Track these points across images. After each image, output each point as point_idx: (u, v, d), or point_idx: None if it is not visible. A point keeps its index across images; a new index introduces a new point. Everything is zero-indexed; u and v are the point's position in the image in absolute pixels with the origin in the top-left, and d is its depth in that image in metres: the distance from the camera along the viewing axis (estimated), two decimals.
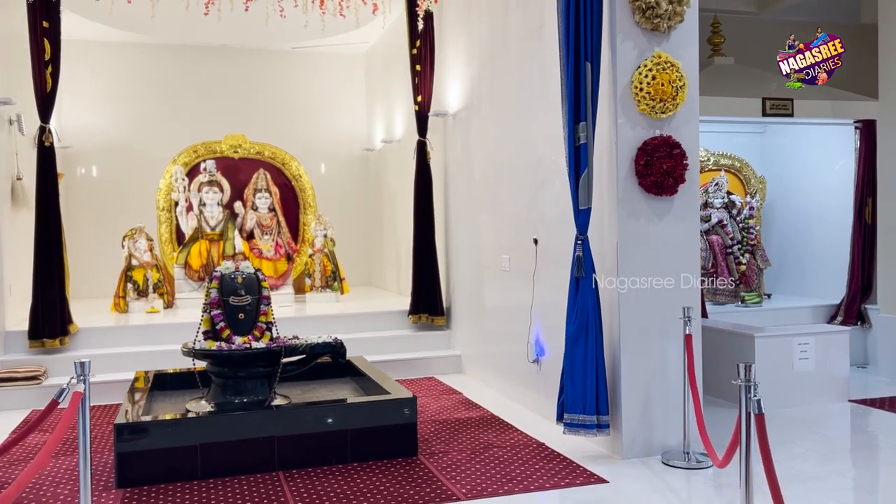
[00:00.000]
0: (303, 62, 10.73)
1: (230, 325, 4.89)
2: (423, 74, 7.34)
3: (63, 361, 6.50)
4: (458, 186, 7.25)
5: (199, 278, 8.55)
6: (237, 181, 9.11)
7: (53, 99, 6.56)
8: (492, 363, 6.50)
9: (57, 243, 6.54)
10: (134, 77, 10.07)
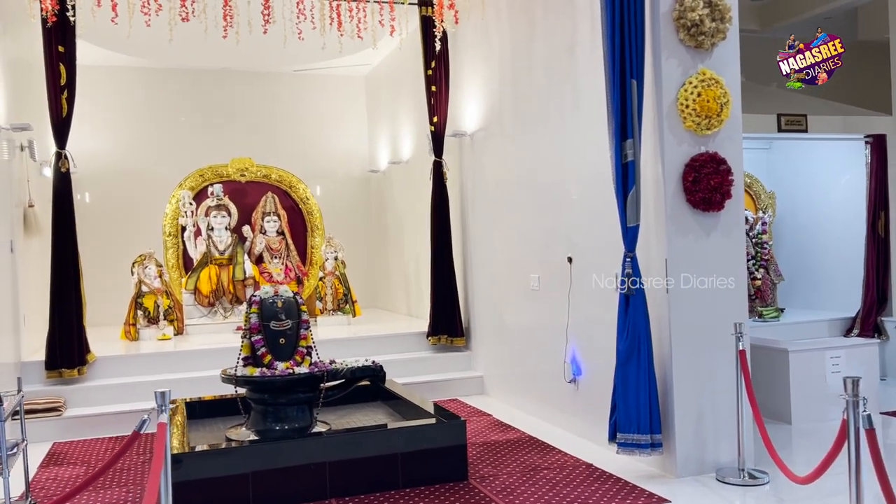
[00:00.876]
0: (304, 85, 10.70)
1: (271, 350, 4.79)
2: (439, 95, 7.34)
3: (82, 392, 6.34)
4: (476, 206, 7.24)
5: (209, 304, 8.41)
6: (244, 205, 9.01)
7: (69, 124, 6.44)
8: (520, 384, 6.45)
9: (74, 271, 6.39)
10: (136, 101, 9.97)
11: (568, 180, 5.51)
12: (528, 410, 6.24)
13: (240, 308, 8.47)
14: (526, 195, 6.19)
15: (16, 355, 6.35)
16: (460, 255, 7.55)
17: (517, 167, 6.33)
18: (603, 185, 5.06)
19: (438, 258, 7.44)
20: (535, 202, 6.03)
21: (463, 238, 7.54)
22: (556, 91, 5.61)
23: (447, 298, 7.40)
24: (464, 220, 7.52)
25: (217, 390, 6.37)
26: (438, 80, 7.33)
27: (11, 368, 6.17)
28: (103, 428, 6.09)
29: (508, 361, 6.71)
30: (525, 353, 6.34)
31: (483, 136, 6.99)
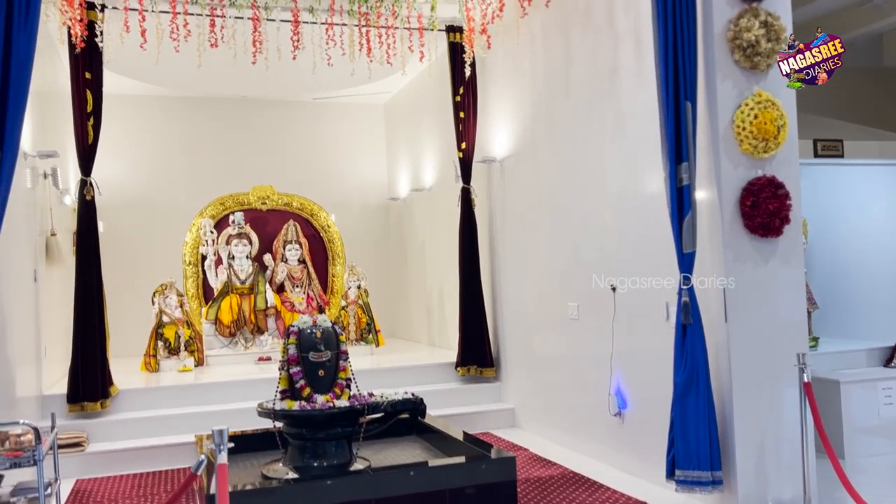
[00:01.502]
0: (324, 113, 10.64)
1: (310, 382, 4.61)
2: (467, 121, 7.23)
3: (105, 426, 6.13)
4: (505, 233, 7.09)
5: (230, 334, 8.23)
6: (265, 233, 8.87)
7: (95, 151, 6.33)
8: (556, 416, 6.24)
9: (98, 301, 6.23)
10: (156, 130, 9.90)
11: (610, 206, 5.37)
12: (566, 444, 6.03)
13: (261, 338, 8.30)
14: (562, 221, 6.04)
15: (37, 387, 6.16)
16: (489, 283, 7.39)
17: (552, 193, 6.19)
18: (649, 211, 4.93)
19: (467, 286, 7.27)
20: (573, 228, 5.88)
21: (492, 266, 7.38)
22: (597, 115, 5.49)
23: (476, 328, 7.22)
24: (492, 247, 7.37)
25: (241, 424, 6.18)
26: (467, 106, 7.22)
27: (34, 402, 5.98)
28: (127, 464, 5.88)
29: (542, 393, 6.50)
30: (562, 385, 6.14)
31: (514, 162, 6.87)
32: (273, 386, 6.78)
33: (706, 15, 4.33)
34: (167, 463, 5.95)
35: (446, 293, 8.66)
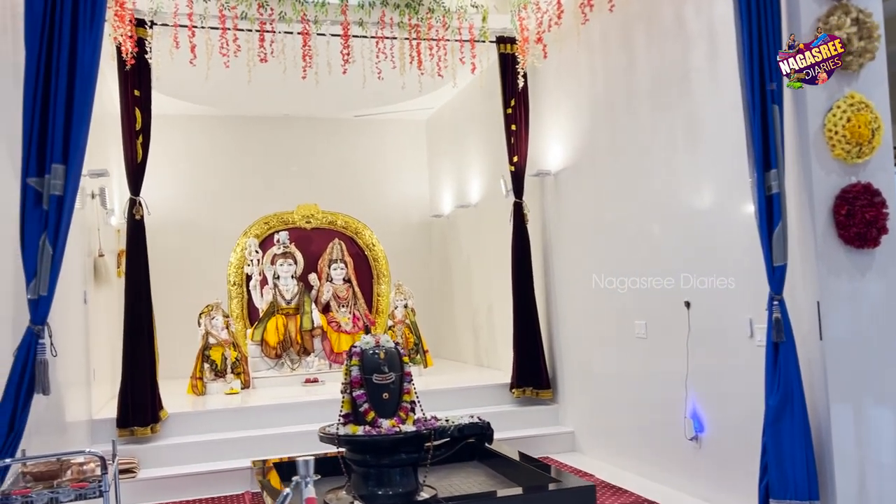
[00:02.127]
0: (365, 130, 10.51)
1: (374, 406, 4.39)
2: (519, 134, 7.02)
3: (155, 451, 5.97)
4: (561, 249, 6.85)
5: (276, 355, 8.06)
6: (309, 252, 8.72)
7: (144, 170, 6.23)
8: (621, 440, 5.95)
9: (148, 323, 6.09)
10: (198, 150, 9.83)
11: (681, 218, 5.12)
12: (634, 470, 5.73)
13: (307, 359, 8.12)
14: (626, 236, 5.79)
15: (87, 412, 6.03)
16: (543, 301, 7.14)
17: (614, 206, 5.95)
18: (725, 222, 4.68)
19: (521, 305, 7.02)
20: (639, 244, 5.63)
21: (545, 283, 7.14)
22: (665, 123, 5.25)
23: (531, 348, 6.96)
24: (546, 263, 7.13)
25: (291, 449, 6.00)
26: (518, 118, 7.02)
27: (84, 426, 5.84)
28: (179, 491, 5.70)
29: (605, 415, 6.22)
30: (628, 407, 5.86)
31: (570, 175, 6.64)
32: (321, 409, 6.64)
33: (792, 13, 4.10)
34: (219, 489, 5.77)
35: (495, 311, 8.43)
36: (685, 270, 5.08)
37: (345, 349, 8.09)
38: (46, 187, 3.04)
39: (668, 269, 5.27)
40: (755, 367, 4.37)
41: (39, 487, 3.19)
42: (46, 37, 3.39)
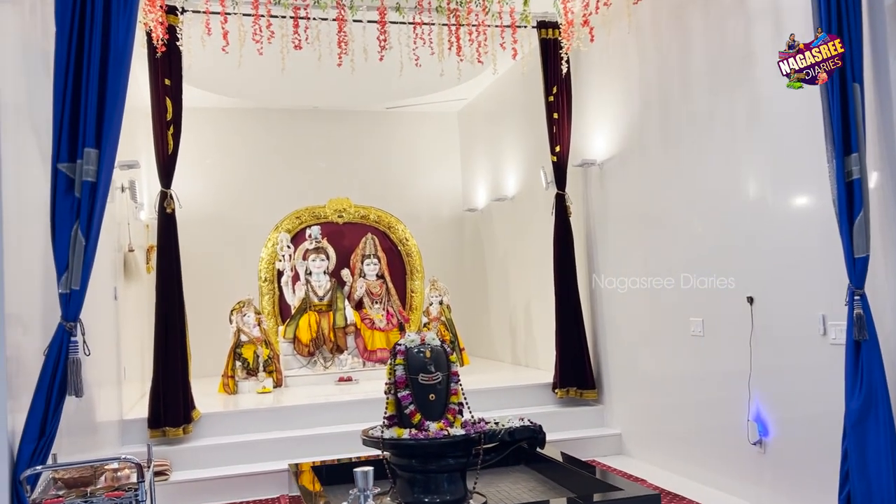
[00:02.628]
0: (396, 122, 10.27)
1: (420, 407, 4.14)
2: (561, 123, 6.72)
3: (187, 453, 5.77)
4: (607, 242, 6.55)
5: (309, 353, 7.84)
6: (341, 247, 8.50)
7: (175, 162, 6.03)
8: (674, 444, 5.65)
9: (180, 321, 5.90)
10: (228, 143, 9.66)
11: (743, 207, 4.80)
12: (689, 475, 5.43)
13: (341, 357, 7.89)
14: (679, 228, 5.49)
15: (118, 412, 5.84)
16: (587, 297, 6.84)
17: (665, 196, 5.65)
18: (793, 211, 4.36)
19: (564, 301, 6.73)
20: (694, 235, 5.32)
21: (589, 278, 6.84)
22: (724, 106, 4.94)
23: (575, 346, 6.67)
24: (590, 258, 6.83)
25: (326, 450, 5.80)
26: (561, 106, 6.72)
27: (114, 427, 5.65)
28: (213, 494, 5.50)
29: (655, 417, 5.92)
30: (681, 408, 5.55)
31: (617, 164, 6.34)
32: (357, 409, 6.41)
33: None
34: (254, 493, 5.56)
35: (534, 308, 8.15)
36: (747, 264, 4.77)
37: (379, 347, 7.89)
38: (79, 173, 2.82)
39: (727, 262, 4.96)
40: (828, 367, 4.07)
41: (72, 496, 2.98)
42: (78, 17, 3.18)
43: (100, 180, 2.85)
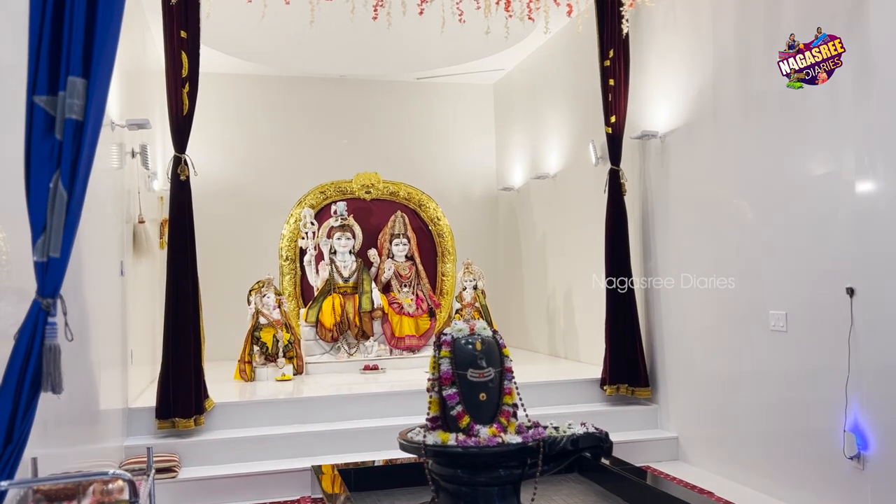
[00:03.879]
0: (426, 94, 9.62)
1: (469, 409, 3.52)
2: (618, 90, 6.03)
3: (198, 447, 5.20)
4: (668, 224, 5.88)
5: (332, 339, 7.25)
6: (368, 225, 7.89)
7: (190, 124, 5.41)
8: (747, 452, 4.99)
9: (193, 300, 5.31)
10: (248, 112, 9.06)
11: (841, 185, 4.12)
12: (763, 489, 4.78)
13: (366, 344, 7.30)
14: (759, 208, 4.81)
15: (123, 399, 5.28)
16: (641, 284, 6.18)
17: (742, 171, 4.97)
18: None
19: (616, 289, 6.07)
20: (778, 217, 4.64)
21: (645, 263, 6.18)
22: None
23: (628, 339, 6.02)
24: (646, 241, 6.16)
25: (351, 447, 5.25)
26: (618, 71, 6.02)
27: (118, 416, 5.09)
28: (225, 494, 4.93)
29: (720, 420, 5.27)
30: (755, 412, 4.90)
31: (683, 136, 5.65)
32: (385, 402, 5.81)
33: None
34: (272, 493, 5.00)
35: (575, 295, 7.51)
36: (846, 250, 4.09)
37: (407, 333, 7.29)
38: (60, 109, 2.18)
39: (820, 247, 4.28)
40: None
41: None
42: None
43: (88, 119, 2.21)
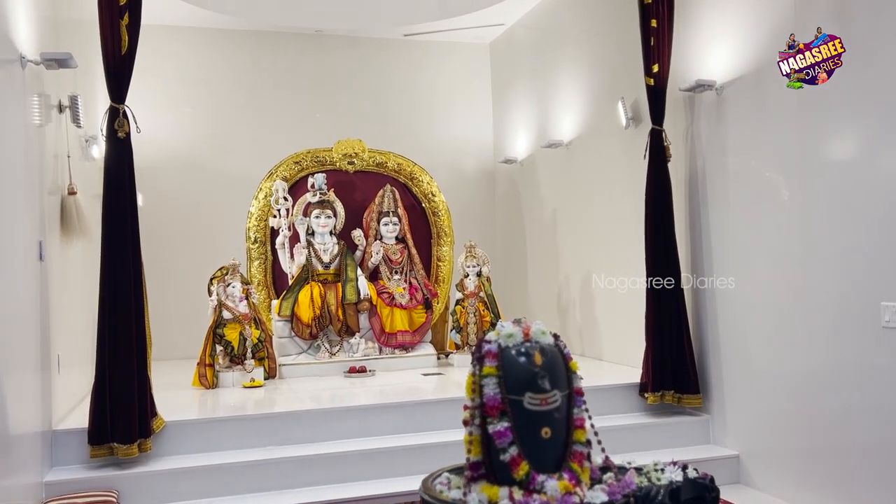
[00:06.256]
0: (415, 54, 8.47)
1: (526, 450, 2.41)
2: (661, 32, 4.94)
3: (144, 481, 4.06)
4: (727, 195, 4.82)
5: (311, 335, 6.12)
6: (352, 201, 6.75)
7: (131, 66, 4.22)
8: (839, 476, 3.98)
9: (136, 292, 4.13)
10: (208, 71, 7.84)
11: None
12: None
13: (351, 341, 6.18)
14: (864, 181, 3.77)
15: (44, 420, 4.08)
16: (688, 269, 5.13)
17: (839, 133, 3.92)
18: None
19: (658, 275, 5.01)
20: (888, 185, 3.61)
21: (693, 244, 5.13)
22: None
23: (673, 337, 4.96)
24: (694, 216, 5.11)
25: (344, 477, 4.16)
26: (661, 9, 4.94)
27: (38, 442, 3.91)
28: None
29: (797, 433, 4.26)
30: (851, 426, 3.88)
31: (746, 88, 4.59)
32: (379, 415, 4.71)
33: None
34: None
35: (596, 283, 6.44)
36: None
37: (399, 329, 6.20)
38: None
39: None
40: None
41: None
42: None
43: None
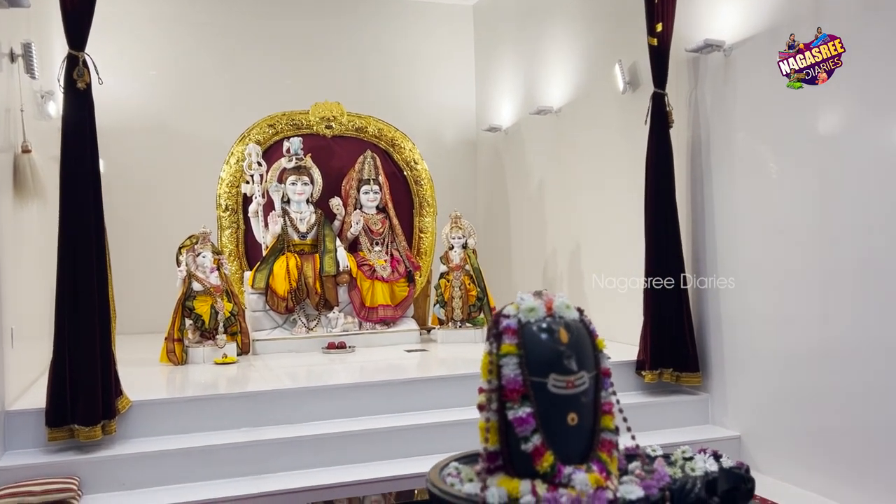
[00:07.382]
0: (394, 14, 8.09)
1: (550, 439, 2.13)
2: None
3: (107, 466, 3.71)
4: (733, 164, 4.57)
5: (287, 309, 5.78)
6: (330, 168, 6.38)
7: (91, 7, 3.80)
8: (847, 458, 3.80)
9: (98, 260, 3.75)
10: (175, 28, 7.40)
11: None
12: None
13: (329, 315, 5.85)
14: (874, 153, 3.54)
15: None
16: (689, 239, 4.90)
17: (863, 96, 3.68)
18: None
19: (658, 246, 4.77)
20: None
21: (692, 217, 4.89)
22: None
23: (672, 312, 4.73)
24: (696, 185, 4.87)
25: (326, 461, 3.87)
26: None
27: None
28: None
29: (804, 412, 4.07)
30: (864, 406, 3.68)
31: (759, 48, 4.32)
32: (362, 394, 4.41)
33: None
34: None
35: (585, 254, 6.20)
36: None
37: (381, 303, 5.89)
38: None
39: None
40: None
41: None
42: None
43: None
